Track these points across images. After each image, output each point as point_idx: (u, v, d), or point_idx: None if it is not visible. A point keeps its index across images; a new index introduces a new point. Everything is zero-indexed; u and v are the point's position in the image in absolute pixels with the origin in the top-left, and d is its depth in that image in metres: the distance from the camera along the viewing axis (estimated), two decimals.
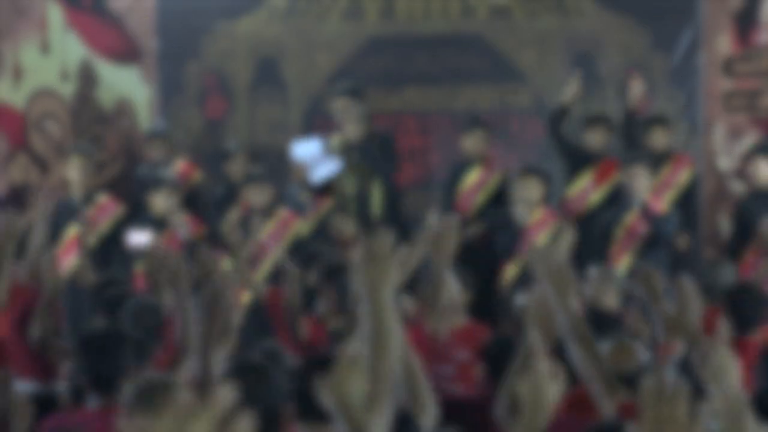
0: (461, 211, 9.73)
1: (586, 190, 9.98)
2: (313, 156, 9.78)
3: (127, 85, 10.70)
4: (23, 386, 6.56)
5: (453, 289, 6.62)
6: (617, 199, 9.55)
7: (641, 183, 9.22)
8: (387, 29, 10.77)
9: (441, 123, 10.80)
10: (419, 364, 3.99)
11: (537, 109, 10.75)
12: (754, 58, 10.65)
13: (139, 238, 9.14)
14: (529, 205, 9.22)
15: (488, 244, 9.51)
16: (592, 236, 9.42)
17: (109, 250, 9.48)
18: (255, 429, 3.02)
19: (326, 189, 10.00)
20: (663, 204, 9.55)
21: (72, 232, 9.50)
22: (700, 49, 10.74)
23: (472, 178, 9.96)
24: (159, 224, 9.65)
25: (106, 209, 9.72)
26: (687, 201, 10.24)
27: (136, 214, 9.89)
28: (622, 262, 9.10)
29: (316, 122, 10.74)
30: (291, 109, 10.77)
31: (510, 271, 9.07)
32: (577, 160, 9.92)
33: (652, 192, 9.51)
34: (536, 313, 4.57)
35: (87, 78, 10.63)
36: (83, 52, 10.60)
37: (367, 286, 3.48)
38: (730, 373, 3.42)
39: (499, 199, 9.80)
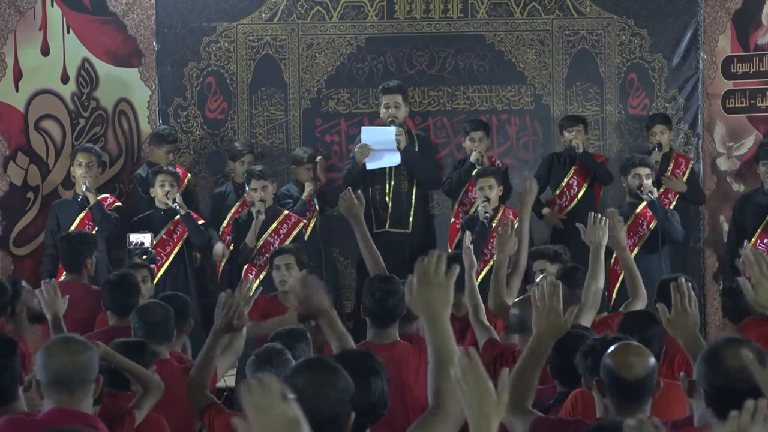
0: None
1: (571, 186, 10.17)
2: (381, 143, 9.83)
3: (127, 85, 10.69)
4: None
5: None
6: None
7: (648, 181, 9.40)
8: (387, 29, 10.77)
9: (441, 123, 10.80)
10: None
11: (537, 109, 10.76)
12: (754, 58, 10.64)
13: (138, 238, 9.14)
14: (490, 204, 9.42)
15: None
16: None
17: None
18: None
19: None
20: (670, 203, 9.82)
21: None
22: (700, 49, 10.74)
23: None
24: (165, 218, 9.68)
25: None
26: (695, 195, 10.40)
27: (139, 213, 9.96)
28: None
29: (316, 122, 10.75)
30: (291, 109, 10.77)
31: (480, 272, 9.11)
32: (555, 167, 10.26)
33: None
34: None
35: (87, 78, 10.62)
36: (83, 52, 10.59)
37: (427, 310, 3.52)
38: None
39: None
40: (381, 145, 9.83)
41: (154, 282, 8.63)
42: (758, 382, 3.55)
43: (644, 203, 9.44)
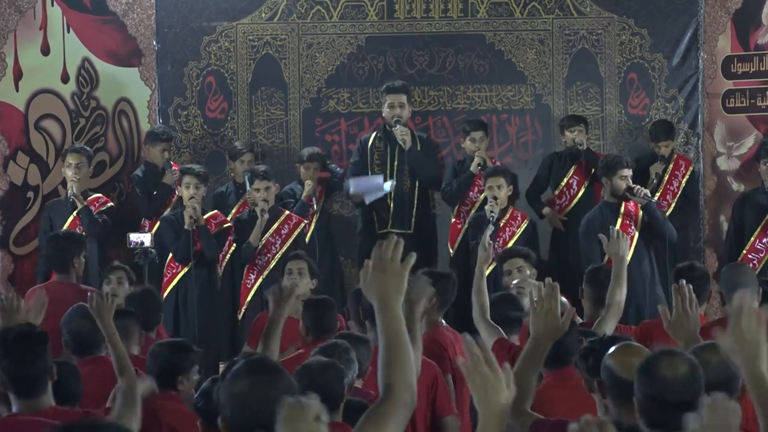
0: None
1: (570, 185, 10.17)
2: (371, 187, 9.78)
3: (127, 85, 10.68)
4: None
5: None
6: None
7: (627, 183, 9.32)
8: (387, 29, 10.77)
9: (441, 123, 10.80)
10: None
11: (537, 108, 10.76)
12: (754, 58, 10.64)
13: (139, 237, 9.14)
14: (499, 204, 9.38)
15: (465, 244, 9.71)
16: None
17: None
18: None
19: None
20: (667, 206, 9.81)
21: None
22: (700, 48, 10.74)
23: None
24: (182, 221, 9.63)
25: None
26: (687, 202, 10.36)
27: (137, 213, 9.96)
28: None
29: (316, 122, 10.75)
30: (291, 108, 10.77)
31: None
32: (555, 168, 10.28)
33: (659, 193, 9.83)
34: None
35: (87, 78, 10.62)
36: (83, 52, 10.59)
37: (379, 297, 3.46)
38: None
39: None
40: (371, 189, 9.78)
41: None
42: None
43: (623, 204, 9.32)
